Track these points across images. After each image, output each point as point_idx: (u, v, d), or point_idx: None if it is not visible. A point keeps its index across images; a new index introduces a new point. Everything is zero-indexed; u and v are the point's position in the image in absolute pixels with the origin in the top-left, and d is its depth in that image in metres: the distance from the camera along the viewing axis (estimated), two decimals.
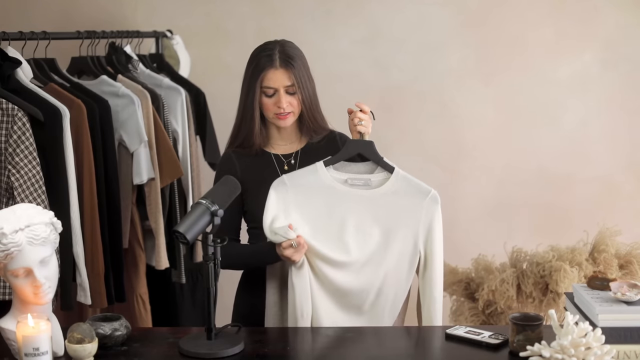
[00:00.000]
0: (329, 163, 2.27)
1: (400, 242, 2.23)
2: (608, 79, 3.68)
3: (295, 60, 2.30)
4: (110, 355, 1.95)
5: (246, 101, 2.32)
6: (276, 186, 2.25)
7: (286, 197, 2.24)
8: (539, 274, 3.04)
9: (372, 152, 2.26)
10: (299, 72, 2.30)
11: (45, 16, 3.65)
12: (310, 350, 2.11)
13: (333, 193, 2.24)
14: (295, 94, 2.30)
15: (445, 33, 3.68)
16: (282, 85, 2.28)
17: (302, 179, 2.25)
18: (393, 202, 2.22)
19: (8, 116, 2.42)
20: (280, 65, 2.28)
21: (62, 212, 2.52)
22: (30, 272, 1.81)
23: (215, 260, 1.95)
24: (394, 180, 2.24)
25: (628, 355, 1.86)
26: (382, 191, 2.24)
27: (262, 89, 2.28)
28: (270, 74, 2.27)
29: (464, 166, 3.76)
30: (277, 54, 2.29)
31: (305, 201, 2.23)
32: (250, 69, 2.31)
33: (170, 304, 3.35)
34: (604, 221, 3.17)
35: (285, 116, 2.31)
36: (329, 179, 2.25)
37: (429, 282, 2.25)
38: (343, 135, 2.45)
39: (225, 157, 2.40)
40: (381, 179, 2.25)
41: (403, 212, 2.23)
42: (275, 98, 2.29)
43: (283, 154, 2.39)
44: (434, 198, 2.25)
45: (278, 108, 2.29)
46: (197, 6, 3.71)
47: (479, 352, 1.96)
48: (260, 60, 2.29)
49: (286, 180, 2.25)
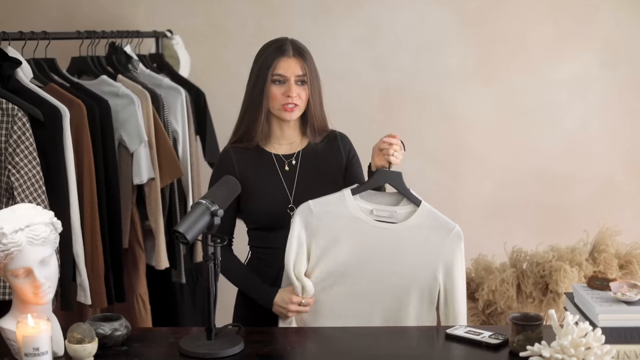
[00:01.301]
0: (356, 192, 2.25)
1: (421, 277, 2.22)
2: (608, 79, 3.68)
3: (307, 52, 2.33)
4: (110, 355, 1.95)
5: (253, 91, 2.31)
6: (302, 212, 2.24)
7: (311, 223, 2.23)
8: (539, 274, 3.04)
9: (401, 183, 2.24)
10: (310, 64, 2.32)
11: (45, 16, 3.65)
12: (310, 350, 2.11)
13: (358, 224, 2.23)
14: (304, 84, 2.30)
15: (445, 33, 3.68)
16: (294, 74, 2.29)
17: (329, 207, 2.24)
18: (416, 236, 2.22)
19: (8, 116, 2.42)
20: (293, 54, 2.29)
21: (62, 212, 2.52)
22: (30, 272, 1.81)
23: (215, 260, 1.95)
24: (420, 214, 2.23)
25: (628, 355, 1.86)
26: (407, 225, 2.23)
27: (273, 76, 2.28)
28: (282, 62, 2.28)
29: (464, 166, 3.76)
30: (289, 44, 2.31)
31: (329, 231, 2.23)
32: (260, 60, 2.31)
33: (170, 304, 3.35)
34: (604, 221, 3.18)
35: (292, 108, 2.30)
36: (355, 208, 2.24)
37: (452, 318, 2.24)
38: (343, 135, 2.45)
39: (223, 152, 2.40)
40: (407, 212, 2.24)
41: (426, 247, 2.22)
42: (284, 87, 2.29)
43: (284, 154, 2.38)
44: (458, 234, 2.23)
45: (287, 98, 2.28)
46: (197, 6, 3.71)
47: (479, 352, 1.96)
48: (271, 50, 2.30)
49: (312, 206, 2.24)
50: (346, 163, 2.41)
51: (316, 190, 2.31)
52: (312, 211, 2.23)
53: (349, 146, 2.44)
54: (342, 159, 2.41)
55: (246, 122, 2.34)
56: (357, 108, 3.69)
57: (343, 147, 2.42)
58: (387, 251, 2.22)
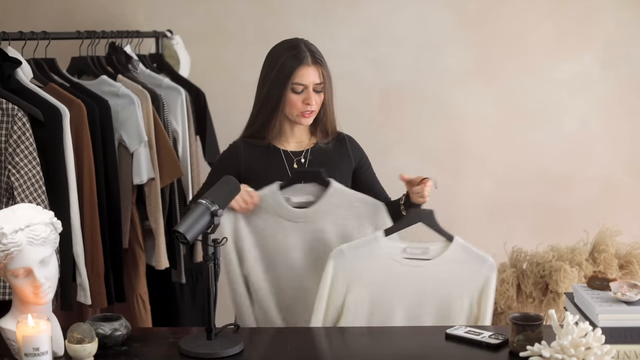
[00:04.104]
0: (389, 232, 2.26)
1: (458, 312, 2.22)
2: (608, 79, 3.68)
3: (323, 58, 2.34)
4: (110, 355, 1.95)
5: (269, 95, 2.31)
6: (335, 256, 2.25)
7: (345, 267, 2.24)
8: (539, 274, 3.04)
9: (433, 221, 2.25)
10: (326, 70, 2.33)
11: (45, 16, 3.65)
12: (310, 351, 2.11)
13: (392, 265, 2.23)
14: (321, 92, 2.32)
15: (444, 33, 3.68)
16: (313, 82, 2.30)
17: (361, 249, 2.24)
18: (451, 270, 2.22)
19: (8, 116, 2.42)
20: (312, 62, 2.30)
21: (62, 212, 2.52)
22: (30, 272, 1.81)
23: (215, 260, 1.95)
24: (453, 249, 2.23)
25: (628, 355, 1.86)
26: (440, 260, 2.23)
27: (293, 85, 2.28)
28: (302, 70, 2.28)
29: (464, 166, 3.76)
30: (306, 50, 2.31)
31: (364, 273, 2.23)
32: (277, 66, 2.30)
33: (170, 304, 3.35)
34: (604, 221, 3.17)
35: (310, 114, 2.32)
36: (388, 248, 2.24)
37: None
38: (351, 138, 2.46)
39: (233, 145, 2.41)
40: (440, 247, 2.25)
41: (461, 281, 2.22)
42: (303, 95, 2.30)
43: (293, 151, 2.39)
44: (492, 266, 2.23)
45: (306, 105, 2.30)
46: (197, 6, 3.71)
47: (479, 352, 1.96)
48: (289, 57, 2.29)
49: (345, 251, 2.25)
50: (356, 166, 2.44)
51: None
52: (345, 256, 2.24)
53: (357, 149, 2.46)
54: (350, 160, 2.43)
55: (259, 121, 2.35)
56: (357, 108, 3.69)
57: (352, 149, 2.44)
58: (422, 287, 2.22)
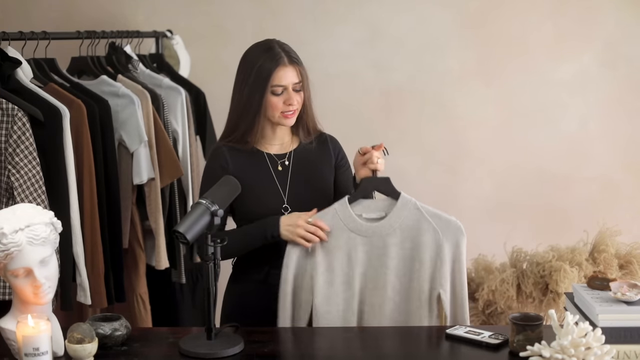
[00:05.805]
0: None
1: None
2: (608, 79, 3.68)
3: (298, 57, 2.32)
4: (110, 355, 1.95)
5: (250, 99, 2.30)
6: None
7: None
8: (539, 274, 3.04)
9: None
10: (303, 68, 2.32)
11: (45, 16, 3.65)
12: (310, 350, 2.11)
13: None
14: (300, 91, 2.31)
15: (445, 33, 3.68)
16: (292, 82, 2.28)
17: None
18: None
19: (8, 116, 2.42)
20: (289, 62, 2.28)
21: (62, 212, 2.52)
22: (30, 272, 1.81)
23: (215, 260, 1.95)
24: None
25: (628, 355, 1.86)
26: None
27: (272, 87, 2.27)
28: (280, 72, 2.27)
29: (464, 167, 3.76)
30: (282, 52, 2.29)
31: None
32: (255, 69, 2.28)
33: (170, 304, 3.35)
34: (604, 221, 3.17)
35: (292, 114, 2.31)
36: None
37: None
38: (333, 138, 2.47)
39: (217, 150, 2.37)
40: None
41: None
42: (284, 96, 2.28)
43: (276, 154, 2.39)
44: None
45: (288, 106, 2.29)
46: (197, 6, 3.71)
47: (479, 352, 1.96)
48: (266, 60, 2.28)
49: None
50: (335, 164, 2.44)
51: (310, 190, 2.34)
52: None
53: (338, 148, 2.46)
54: (332, 160, 2.43)
55: (242, 127, 2.32)
56: (357, 109, 3.69)
57: (333, 149, 2.44)
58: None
